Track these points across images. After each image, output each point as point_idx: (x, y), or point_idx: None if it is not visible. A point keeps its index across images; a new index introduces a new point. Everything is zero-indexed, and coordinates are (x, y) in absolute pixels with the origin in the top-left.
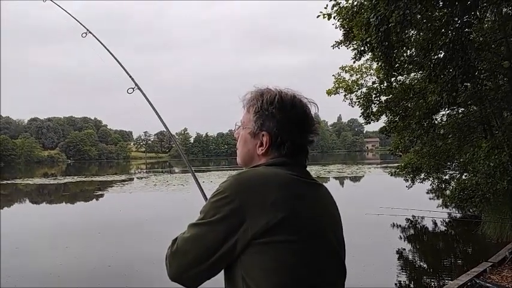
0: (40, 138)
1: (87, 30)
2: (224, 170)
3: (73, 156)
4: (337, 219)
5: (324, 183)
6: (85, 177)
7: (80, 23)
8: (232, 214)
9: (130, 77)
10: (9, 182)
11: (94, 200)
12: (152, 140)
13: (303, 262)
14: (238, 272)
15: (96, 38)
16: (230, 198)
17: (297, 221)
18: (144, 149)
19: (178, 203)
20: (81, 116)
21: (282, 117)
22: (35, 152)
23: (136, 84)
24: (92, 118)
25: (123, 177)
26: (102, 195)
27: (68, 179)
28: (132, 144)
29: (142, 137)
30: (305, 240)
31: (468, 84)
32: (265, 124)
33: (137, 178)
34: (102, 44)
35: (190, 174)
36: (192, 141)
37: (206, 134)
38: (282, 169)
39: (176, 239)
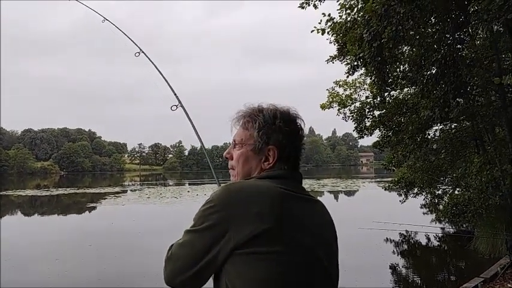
0: (33, 149)
1: (140, 50)
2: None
3: (66, 168)
4: (331, 239)
5: (318, 197)
6: (78, 189)
7: (135, 44)
8: (217, 223)
9: (175, 95)
10: (1, 193)
11: (87, 212)
12: (146, 152)
13: (286, 275)
14: (223, 281)
15: (148, 58)
16: (217, 208)
17: (282, 233)
18: (138, 161)
19: (171, 215)
20: (75, 128)
21: (288, 131)
22: (27, 163)
23: (180, 102)
24: (86, 130)
25: (116, 189)
26: (95, 208)
27: (61, 191)
28: (126, 156)
29: (137, 149)
30: (290, 254)
31: (460, 99)
32: (272, 138)
33: (131, 190)
34: (153, 63)
35: (184, 187)
36: (186, 154)
37: (201, 147)
38: (274, 182)
39: (173, 245)
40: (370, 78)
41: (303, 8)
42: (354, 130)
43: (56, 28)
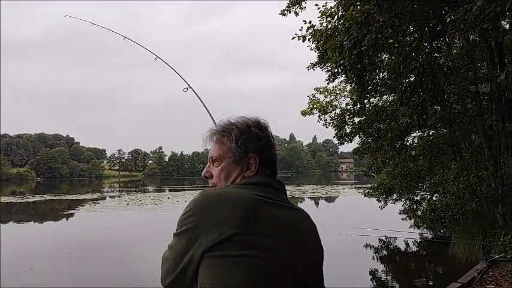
0: (9, 155)
1: (189, 86)
2: (199, 189)
3: (43, 174)
4: (312, 247)
5: (299, 204)
6: (55, 195)
7: (184, 80)
8: (192, 228)
9: None
10: None
11: (64, 219)
12: (126, 158)
13: (255, 279)
14: (198, 284)
15: (195, 93)
16: (192, 212)
17: (253, 238)
18: (117, 167)
19: (150, 222)
20: (52, 133)
21: (264, 137)
22: (3, 170)
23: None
24: (64, 135)
25: (95, 196)
26: (72, 215)
27: (37, 198)
28: (105, 162)
29: (116, 155)
30: (261, 258)
31: (438, 107)
32: (251, 146)
33: (109, 197)
34: (200, 99)
35: (164, 193)
36: (166, 160)
37: (181, 152)
38: (250, 189)
39: None
40: (350, 85)
41: (284, 15)
42: (334, 137)
43: (33, 33)
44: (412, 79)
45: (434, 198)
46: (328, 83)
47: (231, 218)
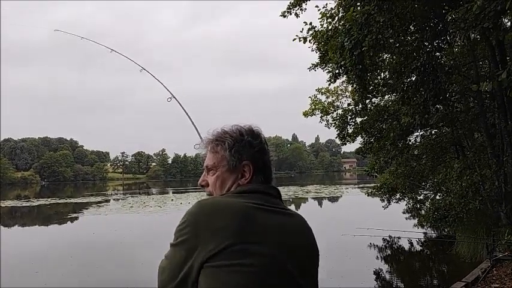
0: (13, 159)
1: (172, 95)
2: (202, 191)
3: (47, 178)
4: (306, 252)
5: (302, 204)
6: (59, 199)
7: (168, 90)
8: (189, 239)
9: (201, 139)
10: None
11: (68, 222)
12: (130, 160)
13: (252, 285)
14: None
15: (179, 103)
16: (187, 223)
17: (246, 247)
18: (121, 170)
19: (154, 225)
20: (56, 137)
21: (257, 144)
22: (7, 174)
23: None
24: (68, 139)
25: (99, 198)
26: (76, 218)
27: (42, 201)
28: (109, 165)
29: (120, 158)
30: (256, 266)
31: (440, 106)
32: (244, 153)
33: (113, 200)
34: (184, 109)
35: (168, 195)
36: (170, 162)
37: (184, 154)
38: (245, 197)
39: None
40: (352, 86)
41: (284, 16)
42: (336, 137)
43: (33, 38)
44: (414, 78)
45: (437, 197)
46: (329, 84)
47: (226, 228)
